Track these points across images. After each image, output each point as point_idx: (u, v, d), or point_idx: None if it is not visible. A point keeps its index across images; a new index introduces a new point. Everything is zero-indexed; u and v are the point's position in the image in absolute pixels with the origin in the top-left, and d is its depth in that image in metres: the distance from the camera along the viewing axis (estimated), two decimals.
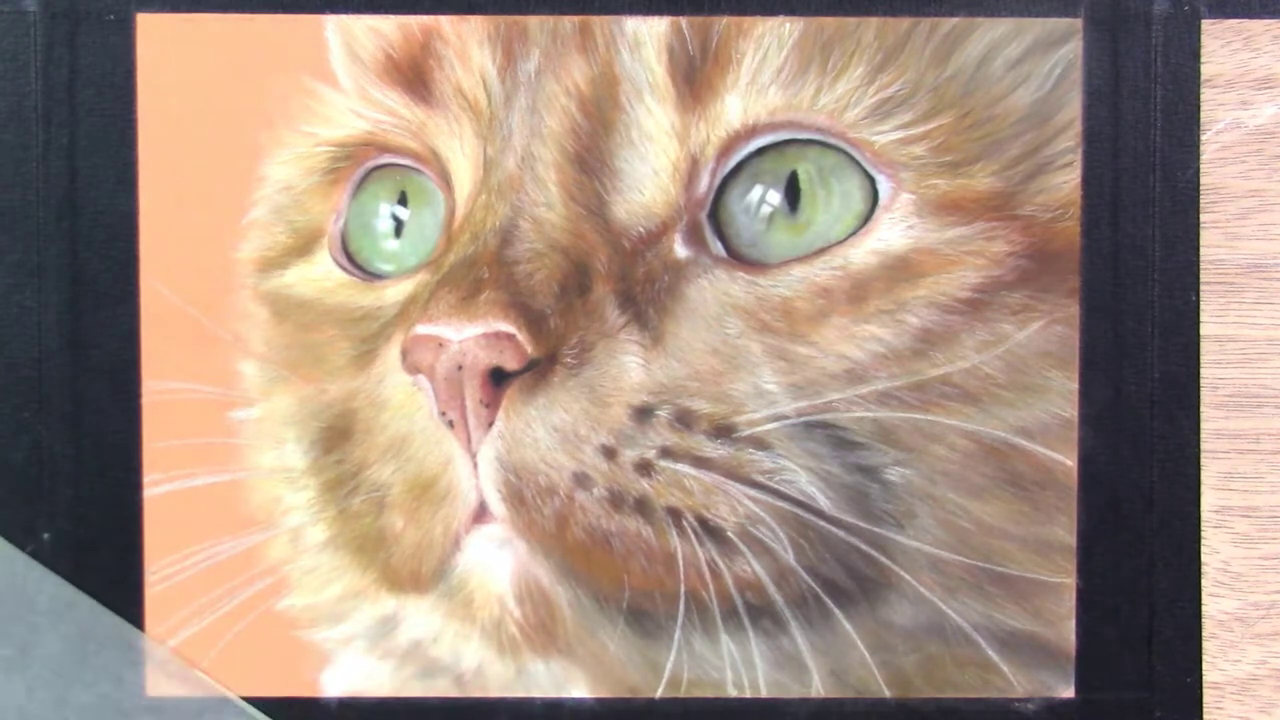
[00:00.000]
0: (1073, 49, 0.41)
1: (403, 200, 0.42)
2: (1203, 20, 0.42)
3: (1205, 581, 0.42)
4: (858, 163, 0.41)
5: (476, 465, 0.40)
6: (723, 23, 0.41)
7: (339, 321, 0.42)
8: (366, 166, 0.42)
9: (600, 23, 0.41)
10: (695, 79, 0.41)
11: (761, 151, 0.41)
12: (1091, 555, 0.42)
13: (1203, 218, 0.42)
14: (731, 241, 0.41)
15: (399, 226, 0.42)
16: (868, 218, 0.41)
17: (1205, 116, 0.42)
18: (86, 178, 0.42)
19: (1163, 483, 0.42)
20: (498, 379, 0.40)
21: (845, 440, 0.41)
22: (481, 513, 0.41)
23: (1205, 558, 0.42)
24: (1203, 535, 0.42)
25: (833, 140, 0.41)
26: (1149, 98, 0.42)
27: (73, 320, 0.42)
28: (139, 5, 0.42)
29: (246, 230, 0.42)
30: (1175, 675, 0.42)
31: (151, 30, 0.42)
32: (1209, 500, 0.42)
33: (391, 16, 0.42)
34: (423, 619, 0.42)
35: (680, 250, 0.41)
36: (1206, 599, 0.42)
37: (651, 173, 0.41)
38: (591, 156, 0.41)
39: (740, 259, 0.41)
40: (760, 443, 0.41)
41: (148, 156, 0.42)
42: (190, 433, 0.42)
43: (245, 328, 0.42)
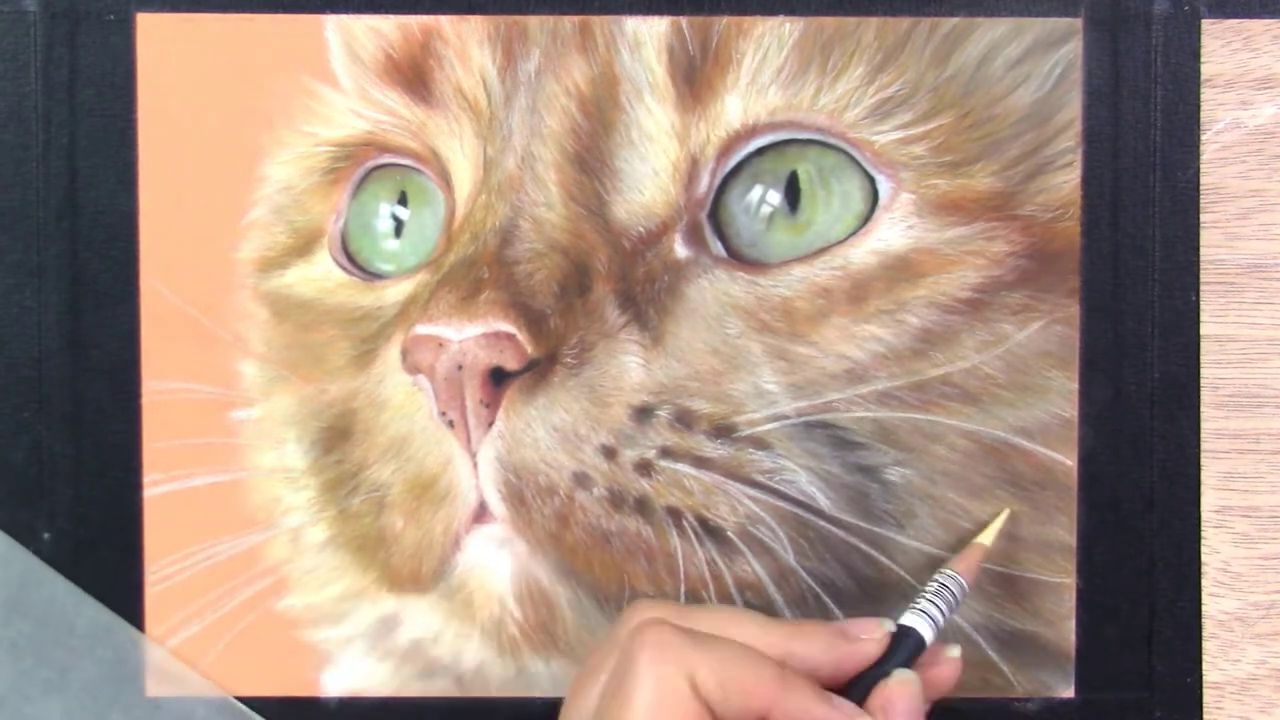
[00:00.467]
0: (1073, 49, 0.41)
1: (403, 200, 0.42)
2: (1203, 20, 0.42)
3: (1205, 581, 0.42)
4: (858, 163, 0.41)
5: (476, 465, 0.40)
6: (723, 23, 0.41)
7: (339, 321, 0.42)
8: (366, 166, 0.42)
9: (600, 23, 0.41)
10: (695, 79, 0.41)
11: (761, 151, 0.41)
12: (1091, 555, 0.42)
13: (1203, 218, 0.42)
14: (731, 241, 0.41)
15: (399, 226, 0.42)
16: (868, 218, 0.41)
17: (1205, 116, 0.42)
18: (86, 178, 0.42)
19: (1163, 483, 0.42)
20: (498, 379, 0.40)
21: (845, 440, 0.41)
22: (481, 513, 0.41)
23: (1205, 558, 0.42)
24: (1203, 535, 0.42)
25: (833, 140, 0.41)
26: (1149, 98, 0.42)
27: (73, 320, 0.42)
28: (139, 5, 0.42)
29: (246, 230, 0.42)
30: (1175, 675, 0.42)
31: (151, 30, 0.42)
32: (1209, 500, 0.42)
33: (391, 16, 0.42)
34: (423, 619, 0.42)
35: (680, 250, 0.41)
36: (1206, 599, 0.42)
37: (651, 173, 0.41)
38: (591, 156, 0.41)
39: (740, 259, 0.41)
40: (760, 443, 0.41)
41: (148, 156, 0.42)
42: (190, 433, 0.42)
43: (245, 328, 0.42)
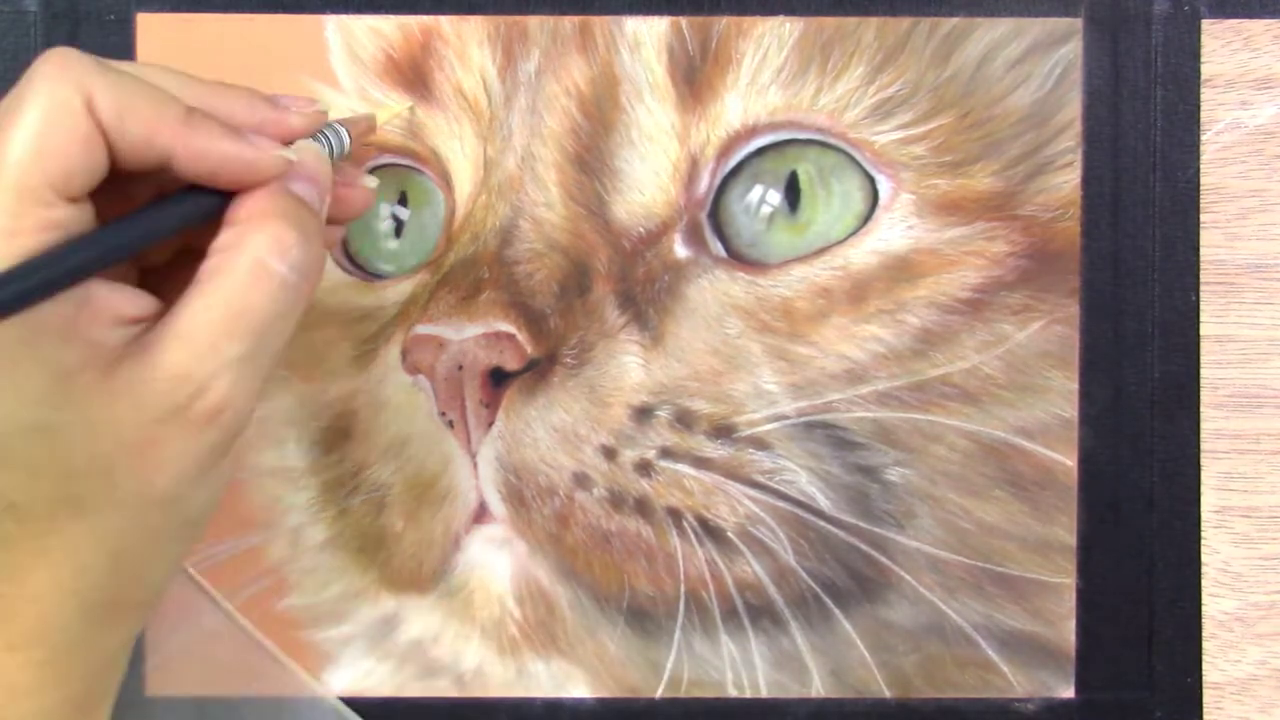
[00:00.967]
0: (1073, 49, 0.41)
1: (403, 200, 0.42)
2: (1203, 20, 0.42)
3: (1205, 581, 0.42)
4: (858, 163, 0.41)
5: (476, 465, 0.40)
6: (723, 23, 0.41)
7: (339, 321, 0.42)
8: (367, 166, 0.42)
9: (600, 23, 0.41)
10: (695, 79, 0.41)
11: (761, 151, 0.41)
12: (1091, 555, 0.42)
13: (1203, 218, 0.42)
14: (731, 241, 0.41)
15: (399, 226, 0.42)
16: (868, 218, 0.41)
17: (1205, 116, 0.42)
18: None
19: (1163, 483, 0.42)
20: (498, 379, 0.40)
21: (845, 440, 0.41)
22: (481, 513, 0.41)
23: (1205, 558, 0.42)
24: (1203, 535, 0.42)
25: (833, 140, 0.41)
26: (1149, 98, 0.42)
27: None
28: (139, 5, 0.42)
29: None
30: (1175, 675, 0.42)
31: (151, 30, 0.42)
32: (1209, 500, 0.42)
33: (391, 16, 0.42)
34: (423, 619, 0.42)
35: (680, 250, 0.41)
36: (1206, 599, 0.42)
37: (651, 173, 0.41)
38: (591, 156, 0.41)
39: (740, 259, 0.41)
40: (760, 443, 0.41)
41: None
42: None
43: None
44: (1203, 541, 0.42)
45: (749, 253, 0.41)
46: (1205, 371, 0.42)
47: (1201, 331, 0.42)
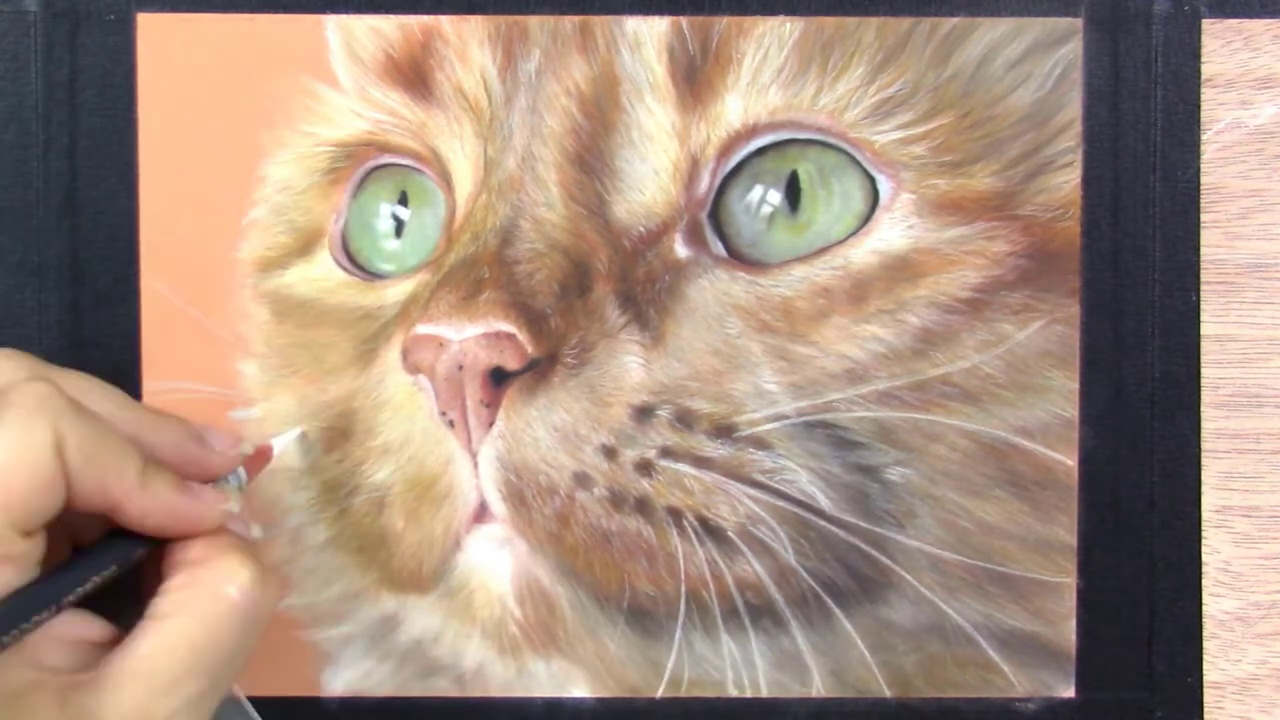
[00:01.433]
0: (1073, 49, 0.41)
1: (403, 200, 0.42)
2: (1203, 20, 0.42)
3: (1205, 581, 0.42)
4: (858, 162, 0.41)
5: (477, 465, 0.40)
6: (723, 23, 0.41)
7: (339, 321, 0.42)
8: (367, 166, 0.42)
9: (600, 23, 0.41)
10: (695, 79, 0.41)
11: (762, 151, 0.41)
12: (1091, 555, 0.42)
13: (1203, 218, 0.42)
14: (732, 241, 0.41)
15: (399, 226, 0.42)
16: (868, 218, 0.41)
17: (1205, 116, 0.42)
18: (86, 177, 0.42)
19: (1163, 483, 0.42)
20: (498, 379, 0.40)
21: (846, 440, 0.41)
22: (482, 512, 0.41)
23: (1205, 558, 0.42)
24: (1203, 535, 0.42)
25: (833, 140, 0.41)
26: (1149, 98, 0.42)
27: (73, 320, 0.42)
28: (139, 5, 0.42)
29: (247, 230, 0.42)
30: (1175, 675, 0.42)
31: (151, 30, 0.42)
32: (1209, 500, 0.42)
33: (392, 16, 0.42)
34: (423, 619, 0.42)
35: (681, 250, 0.41)
36: (1206, 599, 0.42)
37: (652, 172, 0.41)
38: (592, 156, 0.41)
39: (741, 259, 0.41)
40: (761, 442, 0.41)
41: (148, 156, 0.42)
42: None
43: (245, 328, 0.42)
44: (1203, 541, 0.42)
45: (749, 252, 0.41)
46: (1205, 371, 0.42)
47: (1201, 331, 0.42)
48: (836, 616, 0.41)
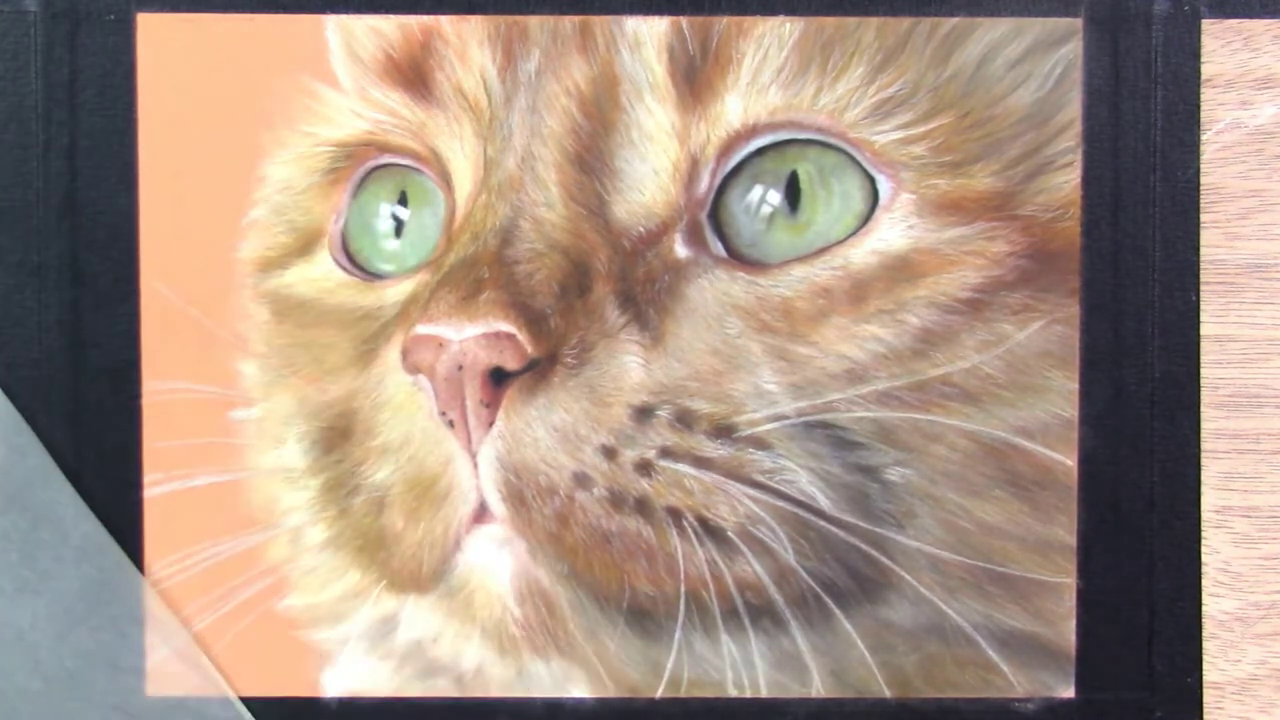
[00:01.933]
0: (1073, 49, 0.41)
1: (403, 200, 0.42)
2: (1203, 20, 0.42)
3: (1205, 581, 0.42)
4: (858, 163, 0.41)
5: (477, 465, 0.40)
6: (723, 23, 0.41)
7: (339, 321, 0.42)
8: (367, 166, 0.42)
9: (600, 23, 0.41)
10: (695, 79, 0.41)
11: (762, 151, 0.41)
12: (1091, 555, 0.42)
13: (1203, 218, 0.42)
14: (732, 241, 0.41)
15: (399, 226, 0.42)
16: (868, 218, 0.41)
17: (1205, 116, 0.42)
18: (86, 178, 0.42)
19: (1163, 483, 0.42)
20: (498, 379, 0.40)
21: (845, 440, 0.41)
22: (482, 513, 0.41)
23: (1205, 558, 0.42)
24: (1203, 535, 0.42)
25: (833, 140, 0.41)
26: (1149, 98, 0.42)
27: (73, 320, 0.42)
28: (139, 5, 0.42)
29: (247, 230, 0.42)
30: (1175, 675, 0.42)
31: (151, 30, 0.42)
32: (1209, 500, 0.42)
33: (392, 16, 0.42)
34: (423, 619, 0.42)
35: (680, 250, 0.41)
36: (1206, 599, 0.42)
37: (652, 173, 0.41)
38: (592, 156, 0.41)
39: (740, 259, 0.41)
40: (760, 443, 0.41)
41: (148, 156, 0.42)
42: (190, 433, 0.42)
43: (245, 328, 0.42)
44: (1203, 541, 0.42)
45: (749, 253, 0.41)
46: (1205, 371, 0.42)
47: (1201, 331, 0.42)
48: (836, 617, 0.41)
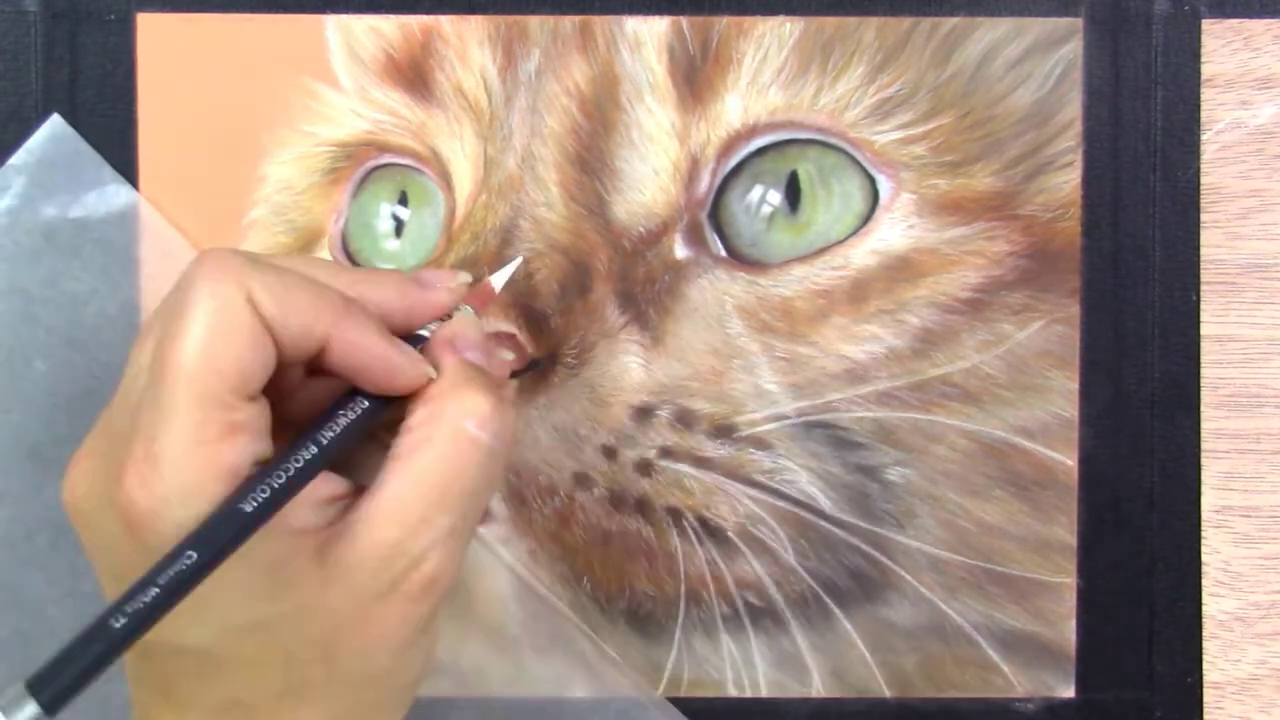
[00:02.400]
0: (1073, 49, 0.41)
1: (403, 200, 0.42)
2: (1203, 20, 0.42)
3: (1205, 581, 0.42)
4: (858, 163, 0.41)
5: None
6: (723, 23, 0.41)
7: None
8: (367, 166, 0.42)
9: (600, 23, 0.41)
10: (695, 79, 0.41)
11: (762, 151, 0.41)
12: (1091, 555, 0.42)
13: (1203, 218, 0.42)
14: (732, 241, 0.41)
15: (399, 226, 0.42)
16: (868, 218, 0.41)
17: (1205, 116, 0.42)
18: None
19: (1163, 483, 0.42)
20: None
21: (846, 440, 0.41)
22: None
23: (1205, 558, 0.42)
24: (1203, 535, 0.42)
25: (833, 140, 0.41)
26: (1149, 98, 0.42)
27: None
28: (139, 5, 0.42)
29: (247, 230, 0.42)
30: (1175, 675, 0.42)
31: (151, 30, 0.42)
32: (1209, 500, 0.42)
33: (392, 16, 0.42)
34: None
35: (680, 250, 0.41)
36: (1206, 599, 0.42)
37: (652, 173, 0.41)
38: (592, 156, 0.41)
39: (741, 259, 0.41)
40: (760, 443, 0.41)
41: (148, 156, 0.42)
42: None
43: None
44: (1203, 541, 0.42)
45: (749, 253, 0.41)
46: (1205, 371, 0.42)
47: (1201, 331, 0.42)
48: (836, 616, 0.41)
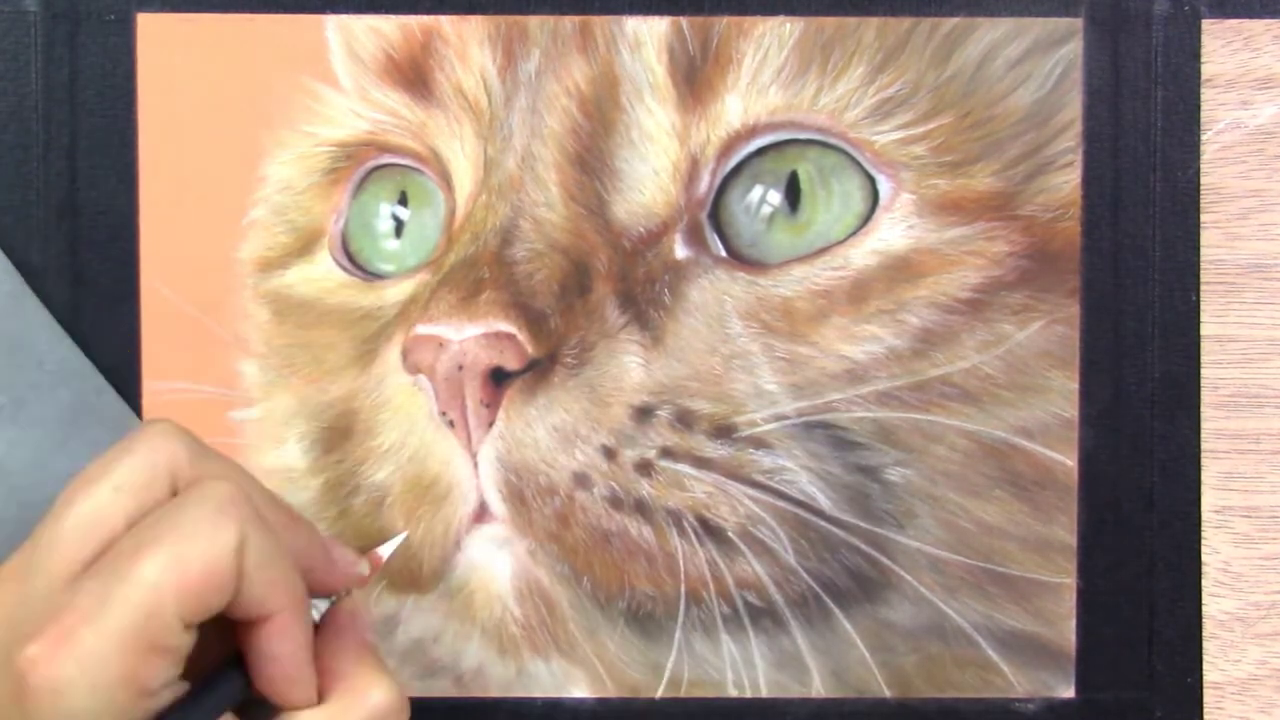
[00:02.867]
0: (1073, 49, 0.41)
1: (403, 200, 0.42)
2: (1203, 20, 0.42)
3: (1205, 581, 0.42)
4: (858, 163, 0.41)
5: (477, 465, 0.40)
6: (723, 23, 0.41)
7: (339, 321, 0.42)
8: (367, 166, 0.42)
9: (600, 23, 0.41)
10: (695, 79, 0.41)
11: (762, 151, 0.41)
12: (1091, 555, 0.42)
13: (1203, 218, 0.42)
14: (732, 241, 0.41)
15: (399, 226, 0.42)
16: (868, 218, 0.41)
17: (1205, 116, 0.42)
18: (86, 178, 0.42)
19: (1163, 483, 0.42)
20: (498, 379, 0.40)
21: (846, 440, 0.41)
22: (482, 512, 0.41)
23: (1205, 558, 0.42)
24: (1203, 535, 0.42)
25: (833, 140, 0.41)
26: (1149, 98, 0.42)
27: (73, 320, 0.42)
28: (139, 5, 0.42)
29: (247, 230, 0.42)
30: (1175, 675, 0.42)
31: (151, 30, 0.42)
32: (1209, 500, 0.42)
33: (392, 16, 0.42)
34: (423, 619, 0.42)
35: (680, 250, 0.41)
36: (1206, 599, 0.42)
37: (652, 173, 0.41)
38: (592, 156, 0.41)
39: (741, 259, 0.41)
40: (760, 443, 0.41)
41: (148, 156, 0.42)
42: None
43: (246, 328, 0.42)
44: (1203, 541, 0.42)
45: (749, 253, 0.41)
46: (1205, 371, 0.42)
47: (1201, 331, 0.42)
48: (836, 617, 0.41)
